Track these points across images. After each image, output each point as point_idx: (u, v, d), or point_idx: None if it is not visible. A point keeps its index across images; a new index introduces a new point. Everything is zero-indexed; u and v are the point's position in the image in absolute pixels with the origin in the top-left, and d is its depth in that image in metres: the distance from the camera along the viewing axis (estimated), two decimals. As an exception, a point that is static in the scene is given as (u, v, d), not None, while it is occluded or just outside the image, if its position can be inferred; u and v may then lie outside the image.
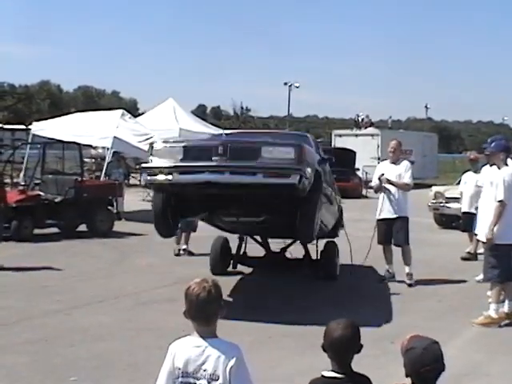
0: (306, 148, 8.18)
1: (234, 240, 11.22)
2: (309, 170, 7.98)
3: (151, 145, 8.50)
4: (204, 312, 3.09)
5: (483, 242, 8.52)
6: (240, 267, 11.19)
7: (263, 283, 10.67)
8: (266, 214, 8.81)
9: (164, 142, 8.59)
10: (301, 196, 8.04)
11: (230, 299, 8.84)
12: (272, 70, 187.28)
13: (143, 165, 8.55)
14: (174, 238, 13.23)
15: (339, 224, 11.64)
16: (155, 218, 8.81)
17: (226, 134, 11.59)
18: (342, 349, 3.06)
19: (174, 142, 8.67)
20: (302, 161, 7.84)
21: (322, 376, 3.06)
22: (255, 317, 8.08)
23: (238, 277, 10.82)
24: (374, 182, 10.89)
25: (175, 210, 8.84)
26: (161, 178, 8.15)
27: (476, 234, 9.47)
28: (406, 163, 10.75)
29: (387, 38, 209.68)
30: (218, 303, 3.12)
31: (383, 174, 10.57)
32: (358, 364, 3.16)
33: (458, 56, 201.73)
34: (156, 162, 8.22)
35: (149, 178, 8.30)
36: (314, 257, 10.82)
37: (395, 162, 10.72)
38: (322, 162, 9.66)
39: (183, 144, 8.45)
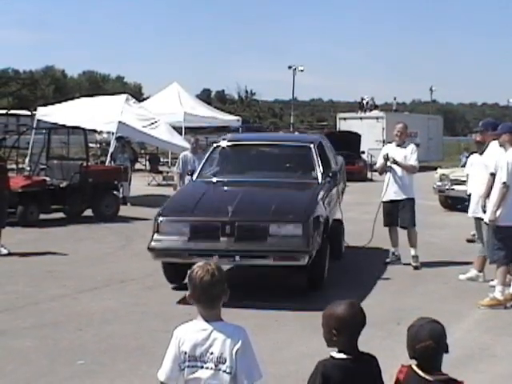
0: (312, 222, 8.18)
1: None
2: (318, 239, 8.23)
3: (156, 219, 8.40)
4: (208, 295, 3.08)
5: (486, 224, 8.51)
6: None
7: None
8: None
9: (168, 216, 8.48)
10: None
11: (235, 284, 8.85)
12: (276, 53, 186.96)
13: (150, 245, 8.33)
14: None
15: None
16: (165, 269, 8.73)
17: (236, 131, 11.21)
18: (355, 331, 3.08)
19: (179, 216, 8.53)
20: (311, 236, 8.03)
21: (331, 357, 3.07)
22: (260, 301, 8.07)
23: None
24: (379, 163, 10.88)
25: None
26: (169, 259, 8.44)
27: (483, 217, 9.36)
28: (412, 146, 10.76)
29: (391, 20, 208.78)
30: (222, 286, 3.12)
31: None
32: (365, 345, 3.16)
33: (463, 38, 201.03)
34: (163, 239, 8.26)
35: (157, 258, 8.49)
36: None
37: (401, 145, 10.70)
38: (334, 175, 10.10)
39: (190, 219, 8.41)
